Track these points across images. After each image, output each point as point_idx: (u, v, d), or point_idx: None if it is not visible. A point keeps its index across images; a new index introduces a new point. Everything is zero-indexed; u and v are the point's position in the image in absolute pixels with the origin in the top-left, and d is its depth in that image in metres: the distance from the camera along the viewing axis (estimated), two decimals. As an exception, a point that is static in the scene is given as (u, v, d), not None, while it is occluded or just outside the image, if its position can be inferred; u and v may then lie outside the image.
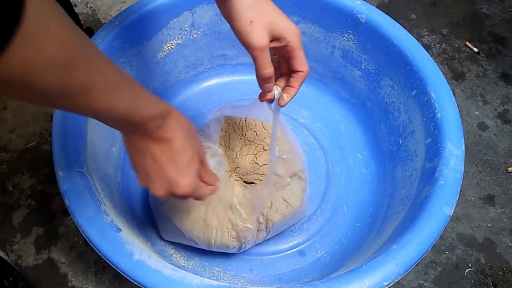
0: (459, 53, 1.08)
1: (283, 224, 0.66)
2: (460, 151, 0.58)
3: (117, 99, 0.32)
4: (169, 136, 0.39)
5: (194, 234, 0.61)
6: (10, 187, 0.84)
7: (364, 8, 0.72)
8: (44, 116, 0.93)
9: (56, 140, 0.56)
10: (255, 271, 0.68)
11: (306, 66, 0.48)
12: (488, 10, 1.17)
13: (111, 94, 0.32)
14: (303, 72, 0.48)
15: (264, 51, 0.44)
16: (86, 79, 0.29)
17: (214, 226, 0.60)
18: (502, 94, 1.01)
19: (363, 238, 0.70)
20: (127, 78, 0.34)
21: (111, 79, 0.32)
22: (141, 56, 0.73)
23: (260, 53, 0.43)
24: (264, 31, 0.43)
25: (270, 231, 0.64)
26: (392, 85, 0.73)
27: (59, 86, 0.27)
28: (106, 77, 0.31)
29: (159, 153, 0.39)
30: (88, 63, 0.29)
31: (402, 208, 0.62)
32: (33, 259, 0.76)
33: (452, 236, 0.81)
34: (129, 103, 0.34)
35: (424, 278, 0.77)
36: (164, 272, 0.46)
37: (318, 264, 0.69)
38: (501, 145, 0.93)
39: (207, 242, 0.61)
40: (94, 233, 0.49)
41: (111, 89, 0.32)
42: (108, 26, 0.67)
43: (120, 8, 1.12)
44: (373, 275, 0.47)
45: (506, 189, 0.87)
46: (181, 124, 0.40)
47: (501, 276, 0.78)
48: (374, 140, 0.80)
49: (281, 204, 0.63)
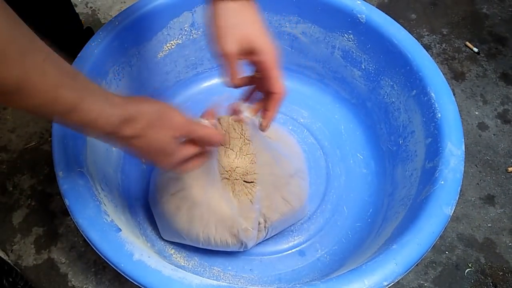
0: (459, 53, 1.08)
1: (283, 223, 0.66)
2: (460, 151, 0.58)
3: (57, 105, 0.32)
4: (139, 134, 0.39)
5: (194, 233, 0.61)
6: (10, 187, 0.84)
7: (364, 8, 0.72)
8: (44, 116, 0.93)
9: (56, 140, 0.56)
10: (255, 271, 0.68)
11: (281, 88, 0.45)
12: (488, 10, 1.17)
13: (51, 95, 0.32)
14: (278, 94, 0.46)
15: (230, 59, 0.43)
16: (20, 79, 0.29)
17: (214, 224, 0.60)
18: (502, 94, 1.01)
19: (363, 238, 0.70)
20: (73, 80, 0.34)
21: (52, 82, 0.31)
22: (141, 56, 0.73)
23: (225, 60, 0.43)
24: (235, 40, 0.42)
25: (269, 230, 0.64)
26: (392, 85, 0.73)
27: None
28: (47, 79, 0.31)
29: (140, 146, 0.41)
30: (24, 62, 0.29)
31: (402, 208, 0.62)
32: (33, 259, 0.76)
33: (452, 236, 0.81)
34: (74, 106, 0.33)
35: (424, 278, 0.77)
36: (164, 272, 0.46)
37: (318, 264, 0.69)
38: (501, 145, 0.93)
39: (207, 241, 0.61)
40: (94, 233, 0.49)
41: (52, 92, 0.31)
42: (108, 26, 0.67)
43: (120, 8, 1.12)
44: (373, 275, 0.47)
45: (506, 189, 0.87)
46: (147, 118, 0.39)
47: (501, 276, 0.78)
48: (374, 140, 0.80)
49: (280, 203, 0.63)
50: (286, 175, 0.64)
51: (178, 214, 0.61)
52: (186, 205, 0.60)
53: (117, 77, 0.70)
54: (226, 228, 0.60)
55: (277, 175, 0.63)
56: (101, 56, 0.65)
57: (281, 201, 0.63)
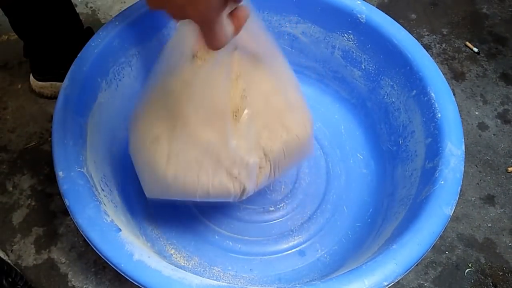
0: (459, 53, 1.08)
1: (287, 159, 0.58)
2: (460, 151, 0.58)
3: None
4: None
5: (188, 180, 0.52)
6: (10, 187, 0.84)
7: (364, 8, 0.72)
8: (44, 116, 0.93)
9: (56, 140, 0.56)
10: (255, 271, 0.68)
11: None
12: (488, 10, 1.17)
13: None
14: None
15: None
16: None
17: (211, 167, 0.52)
18: (502, 94, 1.01)
19: (363, 238, 0.70)
20: None
21: None
22: (141, 56, 0.73)
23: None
24: None
25: (272, 166, 0.56)
26: (392, 85, 0.73)
27: None
28: None
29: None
30: None
31: (402, 208, 0.62)
32: (33, 259, 0.76)
33: (452, 236, 0.81)
34: None
35: (424, 278, 0.77)
36: (164, 272, 0.46)
37: (318, 264, 0.69)
38: (501, 145, 0.93)
39: (204, 189, 0.53)
40: (94, 233, 0.49)
41: None
42: (108, 26, 0.67)
43: (120, 8, 1.12)
44: (373, 275, 0.47)
45: (506, 189, 0.87)
46: None
47: (501, 276, 0.78)
48: (374, 140, 0.80)
49: (280, 130, 0.55)
50: (286, 104, 0.56)
51: (166, 159, 0.52)
52: (174, 148, 0.52)
53: (117, 77, 0.70)
54: (225, 169, 0.52)
55: (275, 106, 0.55)
56: (101, 56, 0.65)
57: (281, 128, 0.55)
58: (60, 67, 0.88)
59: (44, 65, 0.90)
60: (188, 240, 0.70)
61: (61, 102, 0.59)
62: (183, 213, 0.72)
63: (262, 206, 0.73)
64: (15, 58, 1.00)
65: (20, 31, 0.82)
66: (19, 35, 0.84)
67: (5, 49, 1.02)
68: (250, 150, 0.53)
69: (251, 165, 0.53)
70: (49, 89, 0.93)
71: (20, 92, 0.96)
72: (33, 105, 0.94)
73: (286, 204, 0.74)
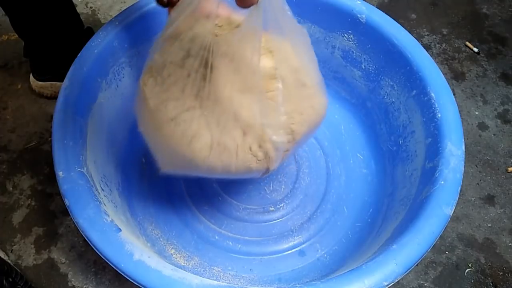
0: (459, 53, 1.08)
1: (308, 136, 0.58)
2: (460, 151, 0.58)
3: None
4: None
5: (211, 162, 0.49)
6: (10, 187, 0.84)
7: (364, 8, 0.72)
8: (44, 116, 0.93)
9: (56, 140, 0.56)
10: (255, 271, 0.68)
11: None
12: (488, 10, 1.17)
13: None
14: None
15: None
16: None
17: (234, 149, 0.49)
18: (502, 94, 1.01)
19: (363, 238, 0.70)
20: None
21: None
22: (141, 56, 0.73)
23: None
24: None
25: (296, 145, 0.55)
26: (392, 85, 0.73)
27: None
28: None
29: None
30: None
31: (402, 208, 0.62)
32: (33, 259, 0.76)
33: (452, 236, 0.81)
34: None
35: (424, 278, 0.77)
36: (164, 272, 0.46)
37: (318, 264, 0.69)
38: (501, 145, 0.93)
39: (226, 169, 0.51)
40: (94, 233, 0.49)
41: None
42: (108, 26, 0.67)
43: (120, 8, 1.12)
44: (373, 275, 0.47)
45: (506, 189, 0.87)
46: None
47: (501, 276, 0.78)
48: (374, 140, 0.80)
49: (310, 114, 0.54)
50: (313, 82, 0.54)
51: (186, 141, 0.48)
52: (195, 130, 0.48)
53: (117, 77, 0.70)
54: (249, 149, 0.49)
55: (304, 84, 0.53)
56: (101, 56, 0.65)
57: (311, 111, 0.54)
58: (60, 67, 0.88)
59: (44, 65, 0.90)
60: (188, 240, 0.70)
61: (61, 102, 0.59)
62: (183, 213, 0.72)
63: (262, 206, 0.74)
64: (15, 58, 1.00)
65: (20, 31, 0.82)
66: (19, 34, 0.84)
67: (5, 49, 1.02)
68: (279, 130, 0.50)
69: (279, 146, 0.51)
70: (49, 89, 0.93)
71: (20, 92, 0.96)
72: (33, 105, 0.94)
73: (286, 204, 0.74)
